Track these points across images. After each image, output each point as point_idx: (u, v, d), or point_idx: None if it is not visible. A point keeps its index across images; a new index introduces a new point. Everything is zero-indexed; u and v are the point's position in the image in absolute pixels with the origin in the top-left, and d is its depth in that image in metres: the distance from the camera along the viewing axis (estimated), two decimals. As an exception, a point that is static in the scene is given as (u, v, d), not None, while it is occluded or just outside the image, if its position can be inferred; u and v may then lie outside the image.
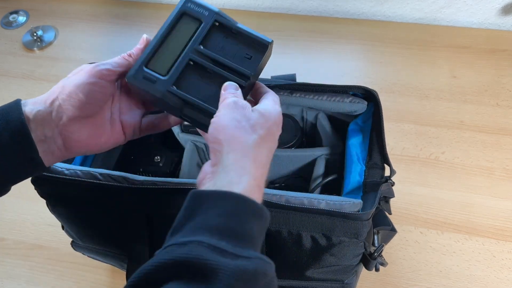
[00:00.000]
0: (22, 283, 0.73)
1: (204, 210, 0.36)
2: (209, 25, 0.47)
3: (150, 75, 0.45)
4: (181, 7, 0.47)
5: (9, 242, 0.78)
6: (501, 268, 0.71)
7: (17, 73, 1.02)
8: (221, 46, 0.47)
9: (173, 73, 0.45)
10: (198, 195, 0.38)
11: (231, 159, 0.39)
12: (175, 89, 0.45)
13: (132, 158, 0.67)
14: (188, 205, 0.38)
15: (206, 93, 0.45)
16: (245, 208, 0.36)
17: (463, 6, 1.00)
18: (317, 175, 0.62)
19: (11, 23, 1.12)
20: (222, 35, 0.47)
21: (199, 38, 0.46)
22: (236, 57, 0.47)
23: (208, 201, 0.37)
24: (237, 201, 0.36)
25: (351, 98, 0.58)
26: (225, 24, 0.47)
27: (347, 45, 1.01)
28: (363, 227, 0.50)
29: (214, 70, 0.46)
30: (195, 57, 0.46)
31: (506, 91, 0.90)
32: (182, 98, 0.45)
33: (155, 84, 0.45)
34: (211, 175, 0.40)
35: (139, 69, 0.45)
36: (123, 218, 0.55)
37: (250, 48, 0.47)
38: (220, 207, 0.36)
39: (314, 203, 0.50)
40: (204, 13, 0.47)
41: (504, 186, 0.78)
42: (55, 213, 0.57)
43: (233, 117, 0.41)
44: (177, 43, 0.46)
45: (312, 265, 0.53)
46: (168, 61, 0.46)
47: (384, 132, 0.56)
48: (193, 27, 0.47)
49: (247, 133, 0.41)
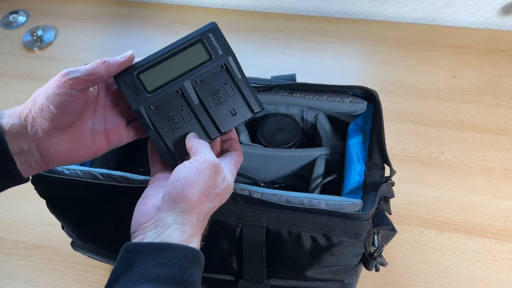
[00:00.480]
0: (22, 283, 0.73)
1: (141, 262, 0.36)
2: (217, 65, 0.46)
3: (137, 85, 0.44)
4: (202, 33, 0.46)
5: (9, 242, 0.78)
6: (501, 268, 0.71)
7: (17, 73, 1.02)
8: (215, 89, 0.46)
9: (157, 94, 0.45)
10: (133, 247, 0.38)
11: (181, 219, 0.39)
12: (150, 111, 0.45)
13: (132, 158, 0.67)
14: (123, 257, 0.38)
15: (176, 127, 0.46)
16: (183, 256, 0.37)
17: (463, 6, 1.00)
18: (317, 175, 0.62)
19: (11, 23, 1.12)
20: (222, 79, 0.46)
21: (200, 74, 0.45)
22: (221, 107, 0.46)
23: (146, 252, 0.37)
24: (174, 250, 0.37)
25: (351, 98, 0.58)
26: (230, 72, 0.46)
27: (347, 45, 1.01)
28: (363, 227, 0.50)
29: (194, 110, 0.46)
30: (185, 89, 0.45)
31: (506, 91, 0.90)
32: (153, 123, 0.45)
33: (137, 96, 0.44)
34: (154, 223, 0.40)
35: (130, 74, 0.44)
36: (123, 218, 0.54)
37: (239, 106, 0.47)
38: (159, 258, 0.36)
39: (314, 203, 0.50)
40: (219, 51, 0.46)
41: (504, 186, 0.78)
42: (55, 213, 0.57)
43: (207, 181, 0.40)
44: (177, 68, 0.45)
45: (312, 265, 0.53)
46: (159, 81, 0.45)
47: (384, 132, 0.56)
48: (201, 60, 0.46)
49: (208, 201, 0.41)
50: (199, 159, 0.41)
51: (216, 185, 0.42)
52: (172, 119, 0.45)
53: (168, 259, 0.36)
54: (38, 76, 1.01)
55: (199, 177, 0.40)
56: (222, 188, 0.42)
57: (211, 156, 0.42)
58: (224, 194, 0.43)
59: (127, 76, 0.44)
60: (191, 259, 0.37)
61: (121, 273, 0.37)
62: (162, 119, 0.45)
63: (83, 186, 0.53)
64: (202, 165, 0.41)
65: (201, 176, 0.40)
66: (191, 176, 0.40)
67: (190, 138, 0.45)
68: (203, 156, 0.42)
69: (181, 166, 0.41)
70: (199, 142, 0.44)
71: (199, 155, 0.42)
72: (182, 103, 0.46)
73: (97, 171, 0.53)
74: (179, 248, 0.37)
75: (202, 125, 0.46)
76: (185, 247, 0.38)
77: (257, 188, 0.51)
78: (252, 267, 0.53)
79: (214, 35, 0.46)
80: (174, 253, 0.37)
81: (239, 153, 0.48)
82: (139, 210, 0.42)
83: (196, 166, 0.40)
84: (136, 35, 1.06)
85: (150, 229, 0.39)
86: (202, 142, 0.44)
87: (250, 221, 0.51)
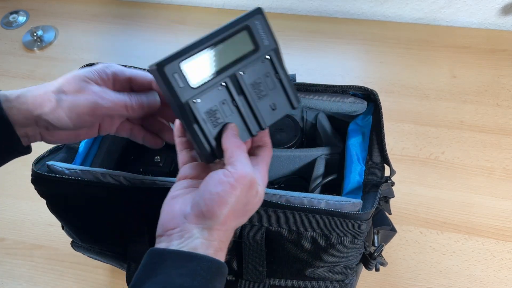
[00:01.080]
0: (22, 283, 0.73)
1: (165, 269, 0.36)
2: (261, 56, 0.43)
3: (181, 76, 0.40)
4: (248, 20, 0.42)
5: (9, 242, 0.78)
6: (501, 268, 0.71)
7: (17, 73, 1.02)
8: (257, 82, 0.43)
9: (201, 87, 0.41)
10: (158, 253, 0.37)
11: (207, 234, 0.38)
12: (194, 105, 0.40)
13: (132, 158, 0.67)
14: (148, 262, 0.37)
15: (218, 122, 0.42)
16: (208, 267, 0.36)
17: (463, 6, 1.00)
18: (317, 175, 0.62)
19: (11, 23, 1.12)
20: (264, 71, 0.43)
21: (245, 65, 0.42)
22: (262, 101, 0.43)
23: (171, 260, 0.36)
24: (199, 261, 0.36)
25: (351, 99, 0.58)
26: (274, 64, 0.43)
27: (347, 45, 1.01)
28: (363, 227, 0.50)
29: (237, 104, 0.42)
30: (229, 82, 0.42)
31: (506, 91, 0.90)
32: (196, 118, 0.41)
33: (181, 88, 0.40)
34: (180, 232, 0.38)
35: (174, 64, 0.39)
36: (123, 218, 0.55)
37: (279, 100, 0.44)
38: (183, 267, 0.35)
39: (314, 203, 0.50)
40: (265, 41, 0.42)
41: (504, 186, 0.79)
42: (55, 213, 0.57)
43: (239, 199, 0.38)
44: (223, 58, 0.41)
45: (312, 265, 0.53)
46: (204, 73, 0.41)
47: (384, 132, 0.56)
48: (247, 49, 0.42)
49: (238, 218, 0.40)
50: (235, 173, 0.38)
51: (248, 201, 0.40)
52: (214, 114, 0.42)
53: (193, 269, 0.35)
54: (38, 76, 1.01)
55: (232, 195, 0.38)
56: (253, 203, 0.41)
57: (247, 169, 0.39)
58: (255, 207, 0.41)
59: (170, 67, 0.39)
60: (216, 270, 0.37)
61: (144, 278, 0.36)
62: (204, 114, 0.41)
63: (83, 186, 0.53)
64: (237, 182, 0.38)
65: (235, 194, 0.38)
66: (224, 193, 0.38)
67: (228, 135, 0.41)
68: (239, 168, 0.39)
69: (215, 176, 0.39)
70: (236, 145, 0.41)
71: (235, 165, 0.39)
72: (225, 96, 0.42)
73: (97, 171, 0.53)
74: (204, 259, 0.36)
75: (244, 119, 0.43)
76: (211, 259, 0.37)
77: (257, 188, 0.51)
78: (252, 267, 0.53)
79: (261, 22, 0.42)
80: (199, 264, 0.36)
81: (270, 148, 0.45)
82: (166, 212, 0.41)
83: (230, 182, 0.38)
84: (136, 35, 1.07)
85: (175, 238, 0.38)
86: (239, 145, 0.41)
87: (250, 220, 0.51)
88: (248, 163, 0.40)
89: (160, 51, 1.03)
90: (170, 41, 1.04)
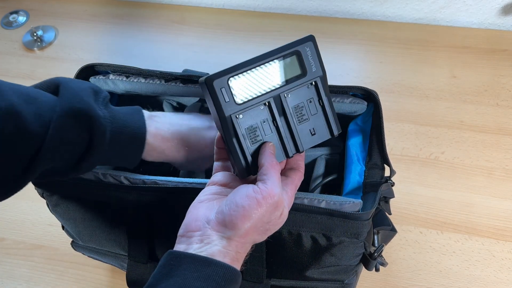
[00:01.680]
0: (22, 283, 0.73)
1: (182, 272, 0.37)
2: (308, 81, 0.44)
3: (228, 92, 0.42)
4: (300, 46, 0.44)
5: (9, 242, 0.78)
6: (501, 268, 0.71)
7: (17, 73, 1.02)
8: (300, 106, 0.44)
9: (245, 104, 0.42)
10: (176, 255, 0.38)
11: (226, 243, 0.39)
12: (236, 120, 0.42)
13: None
14: (165, 263, 0.38)
15: (256, 140, 0.44)
16: (222, 274, 0.37)
17: (462, 6, 1.00)
18: (317, 175, 0.62)
19: (11, 23, 1.12)
20: (308, 96, 0.45)
21: (291, 88, 0.44)
22: (303, 125, 0.45)
23: (188, 263, 0.37)
24: (215, 267, 0.37)
25: (351, 99, 0.58)
26: (318, 90, 0.45)
27: (347, 45, 1.01)
28: (363, 227, 0.50)
29: (277, 125, 0.44)
30: (273, 102, 0.43)
31: (506, 91, 0.90)
32: (236, 133, 0.43)
33: (226, 103, 0.42)
34: (200, 236, 0.39)
35: (223, 80, 0.41)
36: (124, 217, 0.55)
37: (319, 126, 0.45)
38: (199, 271, 0.37)
39: (315, 202, 0.50)
40: (313, 68, 0.44)
41: (504, 186, 0.79)
42: (55, 213, 0.57)
43: (263, 216, 0.39)
44: (269, 79, 0.43)
45: (312, 265, 0.53)
46: (249, 91, 0.43)
47: (384, 132, 0.56)
48: (294, 73, 0.44)
49: (258, 234, 0.41)
50: (265, 191, 0.40)
51: (271, 220, 0.41)
52: (254, 131, 0.43)
53: (208, 275, 0.36)
54: (38, 76, 1.01)
55: (257, 212, 0.39)
56: (276, 223, 0.42)
57: (276, 189, 0.40)
58: (276, 227, 0.42)
59: (219, 82, 0.41)
60: (229, 278, 0.37)
61: (161, 279, 0.37)
62: (244, 130, 0.43)
63: (84, 186, 0.53)
64: (264, 200, 0.39)
65: (259, 211, 0.39)
66: (250, 208, 0.39)
67: (266, 153, 0.43)
68: (269, 187, 0.40)
69: (244, 189, 0.40)
70: (271, 164, 0.42)
71: (266, 183, 0.40)
72: (267, 116, 0.44)
73: (98, 170, 0.53)
74: (220, 266, 0.37)
75: (282, 140, 0.44)
76: (226, 266, 0.38)
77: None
78: (252, 267, 0.53)
79: (311, 49, 0.45)
80: (215, 270, 0.37)
81: (302, 173, 0.46)
82: (191, 213, 0.42)
83: (258, 199, 0.39)
84: (136, 35, 1.07)
85: (195, 241, 0.39)
86: (273, 165, 0.42)
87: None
88: (279, 184, 0.41)
89: (160, 51, 1.04)
90: (170, 41, 1.04)
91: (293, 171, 0.46)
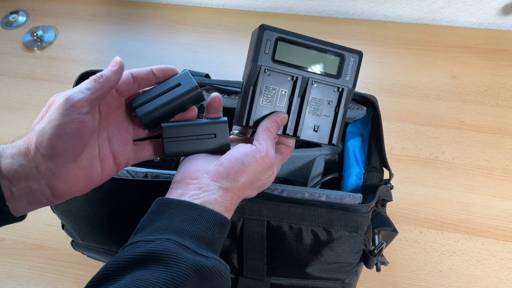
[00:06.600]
0: (22, 283, 0.73)
1: (169, 216, 0.39)
2: (337, 85, 0.47)
3: (271, 46, 0.45)
4: (347, 52, 0.48)
5: (9, 242, 0.78)
6: (501, 268, 0.71)
7: (17, 73, 1.02)
8: (319, 100, 0.47)
9: (277, 66, 0.45)
10: (164, 201, 0.40)
11: (223, 193, 0.41)
12: (262, 74, 0.45)
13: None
14: (153, 209, 0.40)
15: (268, 101, 0.46)
16: (207, 217, 0.39)
17: (462, 6, 1.00)
18: (316, 173, 0.62)
19: (11, 23, 1.12)
20: (330, 98, 0.48)
21: (320, 80, 0.47)
22: (311, 117, 0.47)
23: (175, 208, 0.39)
24: (201, 211, 0.39)
25: (350, 104, 0.58)
26: (340, 98, 0.48)
27: (347, 45, 1.00)
28: (362, 220, 0.50)
29: (291, 102, 0.46)
30: (299, 81, 0.46)
31: (506, 91, 0.90)
32: (255, 84, 0.45)
33: (264, 54, 0.45)
34: (199, 184, 0.41)
35: (273, 34, 0.44)
36: (125, 213, 0.55)
37: (323, 129, 0.48)
38: (185, 215, 0.39)
39: (315, 196, 0.50)
40: (347, 77, 0.47)
41: (504, 186, 0.79)
42: (56, 211, 0.57)
43: (259, 172, 0.43)
44: (309, 60, 0.47)
45: (312, 261, 0.53)
46: (288, 58, 0.46)
47: (383, 136, 0.56)
48: (330, 71, 0.47)
49: (250, 189, 0.44)
50: (263, 151, 0.43)
51: (263, 178, 0.44)
52: (270, 94, 0.46)
53: (194, 218, 0.39)
54: (38, 76, 1.01)
55: (254, 168, 0.42)
56: (267, 181, 0.45)
57: (272, 151, 0.44)
58: (265, 185, 0.46)
59: (269, 33, 0.44)
60: (215, 221, 0.39)
61: (149, 222, 0.39)
62: (264, 87, 0.46)
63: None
64: (261, 159, 0.43)
65: (257, 168, 0.42)
66: (249, 164, 0.42)
67: (273, 120, 0.45)
68: (266, 148, 0.43)
69: (243, 147, 0.43)
70: (272, 130, 0.45)
71: (262, 144, 0.43)
72: (288, 89, 0.46)
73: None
74: (205, 210, 0.39)
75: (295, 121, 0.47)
76: (211, 211, 0.40)
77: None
78: (253, 263, 0.53)
79: (354, 62, 0.47)
80: (200, 214, 0.39)
81: (292, 149, 0.49)
82: (190, 163, 0.44)
83: (256, 157, 0.42)
84: (136, 35, 1.07)
85: (192, 188, 0.41)
86: (274, 134, 0.45)
87: (251, 214, 0.51)
88: (273, 148, 0.45)
89: (160, 51, 1.04)
90: (170, 41, 1.04)
91: (283, 146, 0.48)
